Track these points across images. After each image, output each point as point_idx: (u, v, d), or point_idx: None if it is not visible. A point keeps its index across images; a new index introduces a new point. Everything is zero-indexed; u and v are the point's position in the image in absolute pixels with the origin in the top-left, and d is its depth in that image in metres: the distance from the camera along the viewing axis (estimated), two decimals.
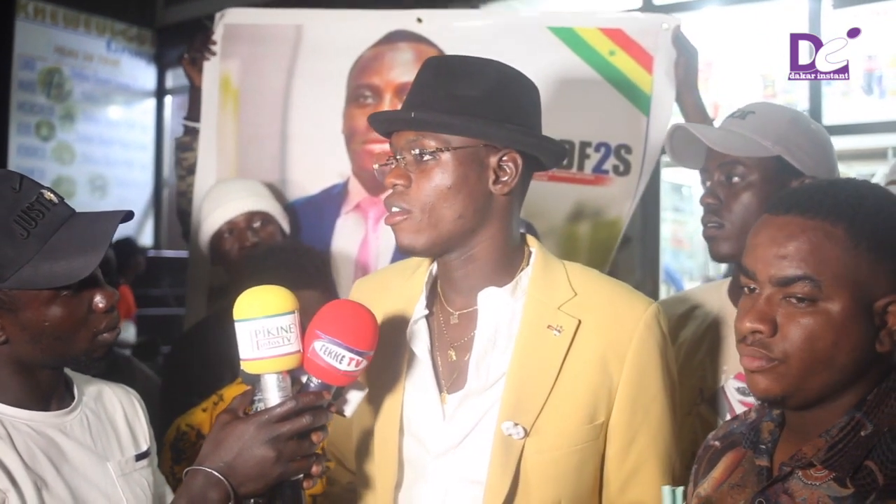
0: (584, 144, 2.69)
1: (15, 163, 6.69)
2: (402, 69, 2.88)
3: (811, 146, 1.92)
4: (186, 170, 3.08)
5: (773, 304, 1.21)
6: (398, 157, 1.52)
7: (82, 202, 6.97)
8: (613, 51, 2.69)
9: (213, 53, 3.02)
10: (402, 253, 1.55)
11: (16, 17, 6.79)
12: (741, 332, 1.24)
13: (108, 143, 7.39)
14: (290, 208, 2.93)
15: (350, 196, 2.91)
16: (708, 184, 1.97)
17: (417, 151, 1.48)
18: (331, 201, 2.93)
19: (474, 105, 1.47)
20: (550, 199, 2.66)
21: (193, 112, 3.08)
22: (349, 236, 2.85)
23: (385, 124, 1.57)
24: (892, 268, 1.18)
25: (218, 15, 3.08)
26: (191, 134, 3.08)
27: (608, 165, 2.68)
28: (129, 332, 5.22)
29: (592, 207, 2.71)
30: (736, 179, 1.88)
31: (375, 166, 1.64)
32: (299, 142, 2.97)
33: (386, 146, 2.74)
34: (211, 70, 3.03)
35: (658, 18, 2.77)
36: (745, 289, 1.28)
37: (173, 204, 3.11)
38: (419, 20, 2.86)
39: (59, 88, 7.10)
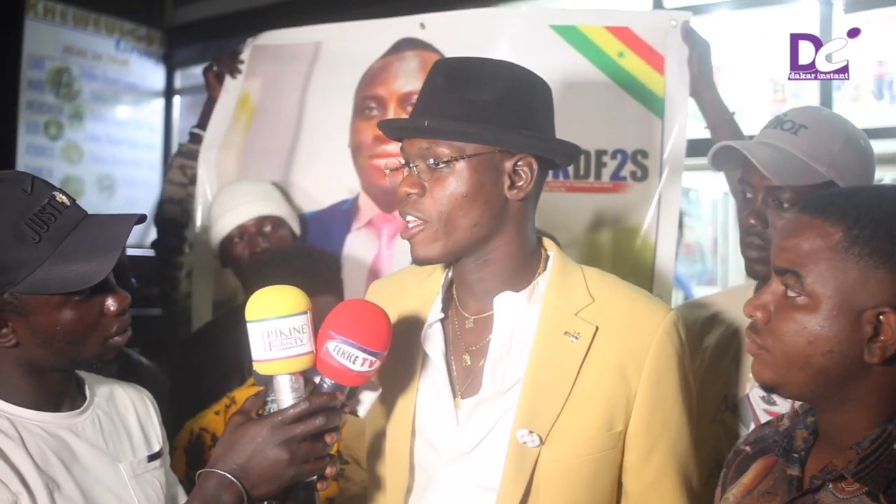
0: (600, 153, 2.63)
1: (23, 162, 6.68)
2: (407, 78, 2.84)
3: (860, 167, 1.88)
4: (190, 178, 3.06)
5: (773, 293, 1.24)
6: (411, 165, 1.49)
7: (90, 202, 6.95)
8: (623, 52, 2.62)
9: (240, 72, 3.05)
10: (417, 264, 1.54)
11: (25, 16, 6.78)
12: (744, 313, 1.28)
13: (117, 142, 7.36)
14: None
15: (361, 212, 2.87)
16: (748, 196, 1.92)
17: (432, 160, 1.45)
18: (340, 217, 2.88)
19: (488, 110, 1.44)
20: (570, 209, 2.62)
21: (206, 121, 3.08)
22: (361, 252, 2.82)
23: (396, 131, 1.55)
24: (888, 277, 1.15)
25: (251, 39, 3.12)
26: (199, 142, 3.07)
27: (626, 172, 2.62)
28: None
29: (612, 215, 2.66)
30: (786, 205, 1.84)
31: (386, 172, 1.62)
32: (307, 156, 2.95)
33: (392, 160, 2.74)
34: (232, 86, 3.05)
35: (666, 15, 2.69)
36: None
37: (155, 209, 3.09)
38: (422, 25, 2.82)
39: (67, 88, 7.09)
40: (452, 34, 2.81)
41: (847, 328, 1.17)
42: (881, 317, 1.16)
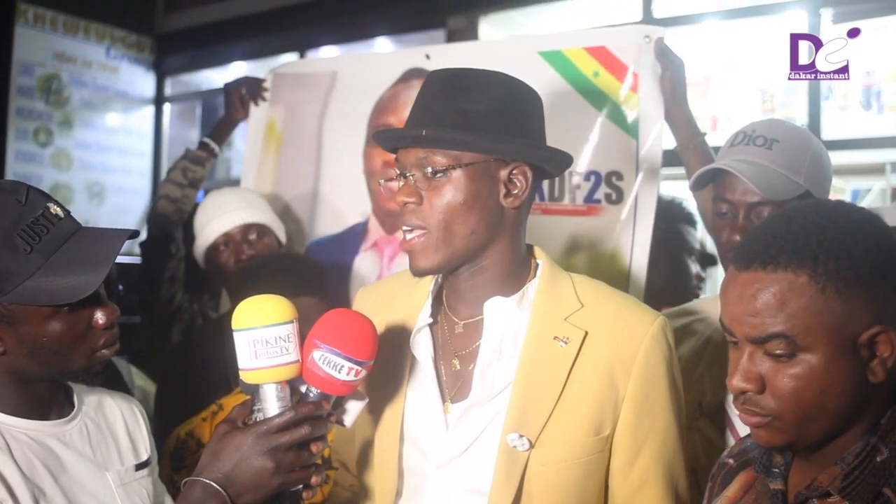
0: (575, 174, 2.58)
1: (12, 169, 6.67)
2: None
3: (824, 174, 1.92)
4: (189, 181, 3.06)
5: (755, 360, 1.19)
6: (407, 174, 1.50)
7: (79, 209, 6.93)
8: (598, 72, 2.57)
9: (265, 100, 3.18)
10: (416, 275, 1.54)
11: (15, 22, 6.79)
12: (732, 392, 1.23)
13: (106, 149, 7.37)
14: (314, 246, 3.00)
15: (369, 234, 2.94)
16: (724, 212, 1.93)
17: (429, 169, 1.47)
18: (352, 240, 2.96)
19: (483, 119, 1.46)
20: (544, 233, 2.56)
21: (218, 135, 3.15)
22: (365, 273, 2.86)
23: (392, 141, 1.56)
24: (868, 299, 1.15)
25: (274, 69, 3.30)
26: (206, 151, 3.09)
27: (600, 194, 2.56)
28: None
29: (587, 239, 2.61)
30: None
31: (381, 181, 1.63)
32: (329, 182, 3.06)
33: (387, 172, 2.76)
34: (258, 115, 3.21)
35: (640, 30, 2.60)
36: (731, 342, 1.24)
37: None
38: (427, 56, 2.91)
39: (57, 94, 7.09)
40: (453, 64, 2.83)
41: (850, 361, 1.15)
42: (874, 338, 1.15)
